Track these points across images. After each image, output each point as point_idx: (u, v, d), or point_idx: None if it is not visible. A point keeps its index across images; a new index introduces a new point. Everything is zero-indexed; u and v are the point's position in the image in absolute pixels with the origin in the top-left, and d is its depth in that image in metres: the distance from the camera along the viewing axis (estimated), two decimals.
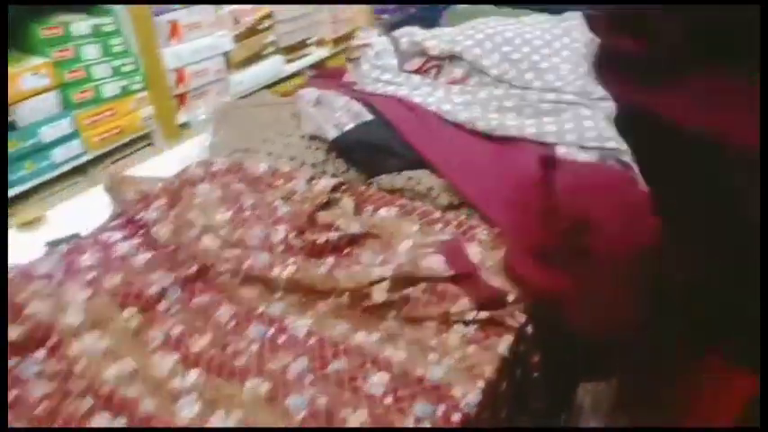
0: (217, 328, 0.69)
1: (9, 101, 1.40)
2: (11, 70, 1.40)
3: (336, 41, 2.28)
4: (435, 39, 1.14)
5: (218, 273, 0.74)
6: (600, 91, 1.04)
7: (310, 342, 0.67)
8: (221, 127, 1.08)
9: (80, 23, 1.55)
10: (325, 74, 1.40)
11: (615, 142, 0.93)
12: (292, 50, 2.18)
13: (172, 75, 1.79)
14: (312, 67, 2.21)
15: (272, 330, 0.68)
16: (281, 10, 2.05)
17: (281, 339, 0.67)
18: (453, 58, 1.12)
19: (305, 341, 0.67)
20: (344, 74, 1.22)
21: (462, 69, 1.10)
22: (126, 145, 1.73)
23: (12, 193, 1.46)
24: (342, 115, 0.98)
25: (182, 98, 1.86)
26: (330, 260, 0.75)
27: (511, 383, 0.69)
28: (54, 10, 1.56)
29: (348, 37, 2.23)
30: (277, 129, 0.99)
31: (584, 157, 0.91)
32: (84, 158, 1.62)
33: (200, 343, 0.67)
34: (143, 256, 0.77)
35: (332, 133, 0.94)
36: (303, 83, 1.62)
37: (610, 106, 1.01)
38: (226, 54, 1.93)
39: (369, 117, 0.98)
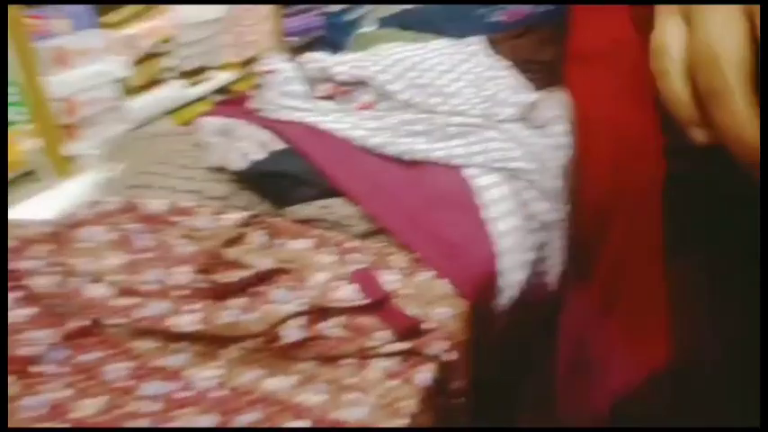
0: (109, 388, 0.61)
1: None
2: None
3: (242, 65, 2.22)
4: (343, 64, 1.13)
5: (109, 325, 0.66)
6: (504, 113, 1.07)
7: (218, 394, 0.61)
8: (114, 160, 0.99)
9: None
10: (230, 100, 1.35)
11: (519, 163, 0.96)
12: (195, 75, 2.09)
13: (60, 104, 1.65)
14: (217, 92, 2.13)
15: (173, 385, 0.62)
16: (183, 33, 1.97)
17: (185, 394, 0.61)
18: (362, 83, 1.11)
19: (212, 394, 0.61)
20: (250, 100, 1.17)
21: (371, 95, 1.09)
22: (9, 183, 1.57)
23: None
24: (248, 144, 0.93)
25: (72, 129, 1.72)
26: (239, 301, 0.70)
27: (434, 414, 0.67)
28: None
29: (253, 60, 2.18)
30: (177, 161, 0.92)
31: (491, 177, 0.93)
32: None
33: (89, 408, 0.59)
34: (22, 312, 0.68)
35: (238, 164, 0.90)
36: (207, 109, 1.55)
37: (514, 127, 1.04)
38: (121, 80, 1.81)
39: (277, 145, 0.94)
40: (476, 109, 1.06)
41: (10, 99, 1.48)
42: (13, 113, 1.50)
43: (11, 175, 1.53)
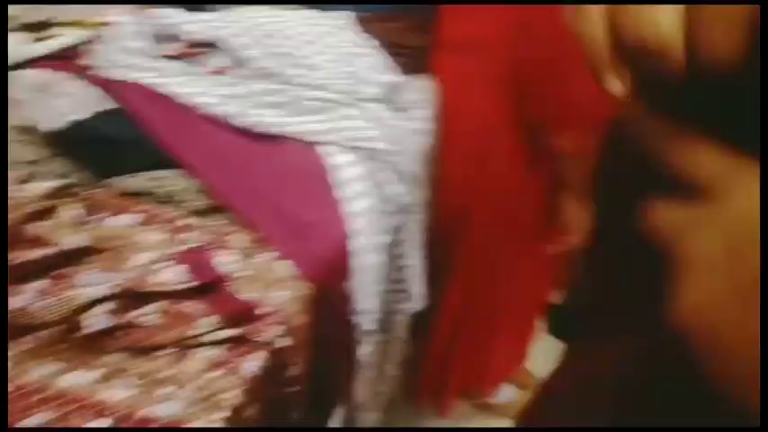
0: None
1: None
2: None
3: (96, 25, 1.98)
4: (194, 23, 1.03)
5: None
6: (366, 92, 1.04)
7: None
8: None
9: None
10: (61, 55, 1.18)
11: (378, 143, 0.93)
12: (40, 29, 1.83)
13: None
14: (69, 49, 1.88)
15: None
16: None
17: None
18: (215, 45, 1.02)
19: None
20: (83, 55, 1.03)
21: (223, 59, 1.00)
22: None
23: None
24: (68, 102, 0.81)
25: None
26: (36, 285, 0.60)
27: (262, 404, 0.62)
28: None
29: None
30: None
31: (346, 156, 0.89)
32: None
33: None
34: None
35: (54, 124, 0.77)
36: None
37: (376, 107, 1.02)
38: None
39: (106, 106, 0.83)
40: (337, 84, 1.02)
41: None
42: None
43: None
